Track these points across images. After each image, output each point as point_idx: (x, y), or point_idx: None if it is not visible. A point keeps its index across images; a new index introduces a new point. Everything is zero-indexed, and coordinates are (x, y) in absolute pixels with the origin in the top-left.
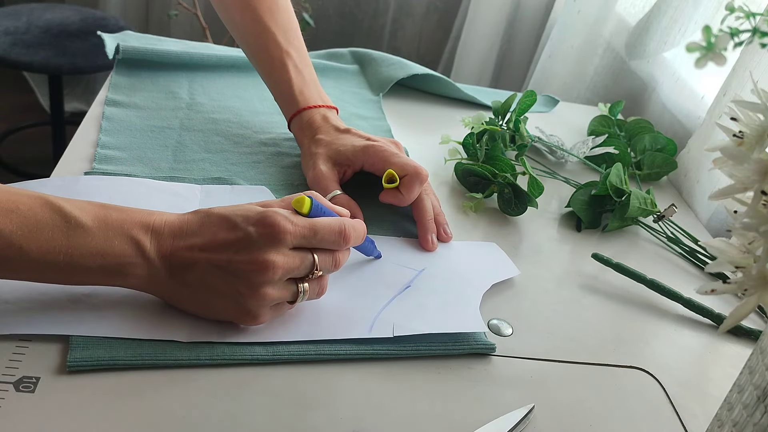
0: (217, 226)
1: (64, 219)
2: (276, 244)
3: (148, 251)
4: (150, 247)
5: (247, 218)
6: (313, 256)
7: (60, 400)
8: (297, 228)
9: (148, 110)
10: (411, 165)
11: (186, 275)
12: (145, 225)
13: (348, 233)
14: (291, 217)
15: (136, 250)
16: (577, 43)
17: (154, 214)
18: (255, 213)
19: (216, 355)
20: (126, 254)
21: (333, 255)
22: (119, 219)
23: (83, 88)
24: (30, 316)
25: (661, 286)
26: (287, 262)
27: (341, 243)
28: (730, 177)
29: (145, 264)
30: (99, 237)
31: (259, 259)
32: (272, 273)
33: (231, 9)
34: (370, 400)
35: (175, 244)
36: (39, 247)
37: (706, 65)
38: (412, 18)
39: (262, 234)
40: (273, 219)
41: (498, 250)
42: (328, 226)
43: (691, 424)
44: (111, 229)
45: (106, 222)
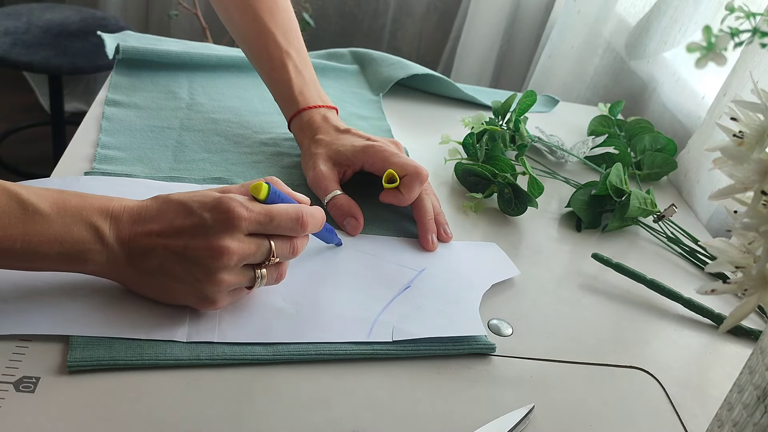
0: (174, 212)
1: (21, 206)
2: (231, 230)
3: (107, 237)
4: (109, 233)
5: (203, 204)
6: (270, 242)
7: (60, 400)
8: (252, 214)
9: (148, 110)
10: (411, 165)
11: (144, 261)
12: (104, 211)
13: (305, 220)
14: (247, 203)
15: (94, 237)
16: (577, 43)
17: (113, 200)
18: (211, 199)
19: (216, 355)
20: (85, 240)
21: (290, 242)
22: (78, 205)
23: (83, 88)
24: (30, 317)
25: (661, 286)
26: (242, 248)
27: (298, 230)
28: (730, 177)
29: (104, 250)
30: (57, 223)
31: (214, 244)
32: (227, 259)
33: (231, 9)
34: (369, 400)
35: (134, 230)
36: None
37: (707, 65)
38: (412, 18)
39: (217, 220)
40: (228, 205)
41: (498, 251)
42: (284, 212)
43: (691, 424)
44: (69, 215)
45: (65, 208)
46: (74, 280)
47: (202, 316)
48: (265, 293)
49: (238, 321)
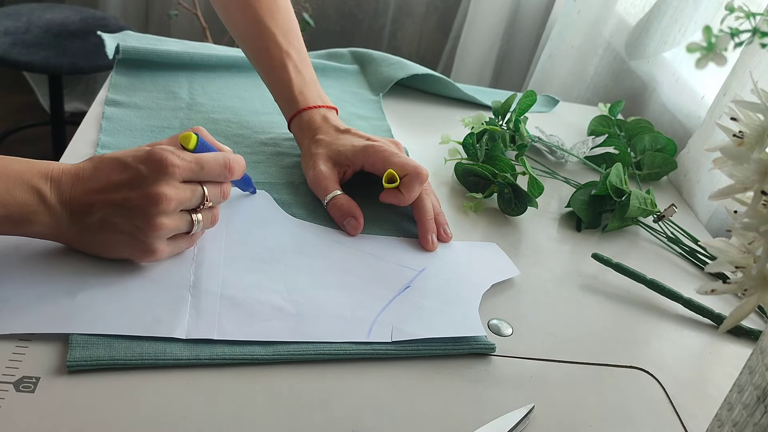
0: (110, 168)
1: None
2: (166, 178)
3: (48, 199)
4: (50, 195)
5: (136, 157)
6: (203, 188)
7: (60, 400)
8: (184, 162)
9: (148, 110)
10: (411, 165)
11: (86, 218)
12: (44, 174)
13: (232, 166)
14: (178, 152)
15: (37, 199)
16: (577, 43)
17: (53, 164)
18: (144, 152)
19: (216, 355)
20: (27, 203)
21: (220, 186)
22: (19, 169)
23: (83, 88)
24: (30, 316)
25: (661, 286)
26: (178, 193)
27: (227, 175)
28: (730, 177)
29: (47, 212)
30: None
31: (151, 192)
32: (165, 204)
33: (231, 9)
34: (369, 400)
35: (74, 189)
36: None
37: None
38: (412, 18)
39: (152, 169)
40: (161, 155)
41: (498, 251)
42: (213, 159)
43: (691, 424)
44: (11, 180)
45: (6, 173)
46: (74, 278)
47: (202, 314)
48: (265, 292)
49: (238, 320)
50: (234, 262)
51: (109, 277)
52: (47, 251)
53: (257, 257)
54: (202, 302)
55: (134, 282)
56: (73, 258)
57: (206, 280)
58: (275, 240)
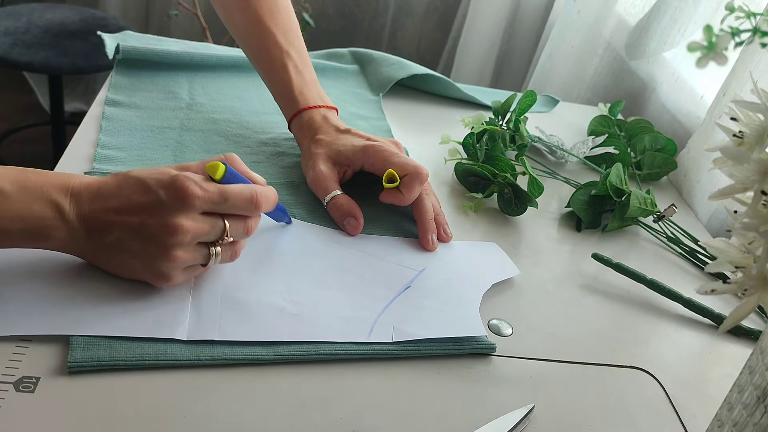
0: (132, 189)
1: None
2: (185, 208)
3: (67, 213)
4: (69, 209)
5: (159, 181)
6: (224, 222)
7: (60, 400)
8: (206, 193)
9: (148, 110)
10: (411, 164)
11: (103, 237)
12: (64, 187)
13: (259, 200)
14: (201, 183)
15: (55, 213)
16: (577, 43)
17: (73, 177)
18: (167, 177)
19: (216, 355)
20: (46, 217)
21: (244, 221)
22: (38, 182)
23: (83, 88)
24: (30, 316)
25: (661, 286)
26: (197, 226)
27: (252, 210)
28: (730, 177)
29: (65, 226)
30: (18, 201)
31: (169, 222)
32: (181, 236)
33: (231, 9)
34: (370, 400)
35: (93, 206)
36: None
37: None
38: (412, 18)
39: (172, 198)
40: (182, 183)
41: (498, 251)
42: (239, 193)
43: (691, 424)
44: (30, 192)
45: (26, 186)
46: (74, 280)
47: (203, 315)
48: (266, 293)
49: (239, 320)
50: (234, 262)
51: (110, 279)
52: (48, 253)
53: (257, 258)
54: (202, 303)
55: (135, 284)
56: (74, 260)
57: (207, 281)
58: (275, 240)
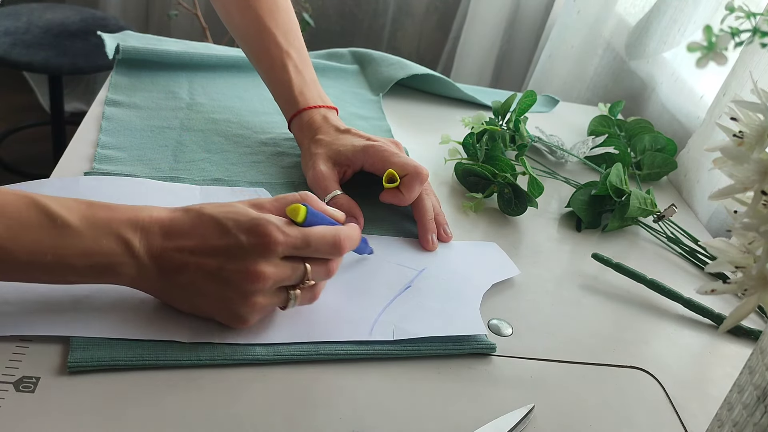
0: (208, 229)
1: (51, 219)
2: (267, 255)
3: (137, 250)
4: (139, 246)
5: (238, 224)
6: (305, 266)
7: (60, 400)
8: (289, 239)
9: (148, 110)
10: (411, 164)
11: (176, 277)
12: (133, 223)
13: (343, 244)
14: (284, 228)
15: (124, 250)
16: (577, 43)
17: (142, 211)
18: (247, 219)
19: (216, 356)
20: (114, 253)
21: (326, 264)
22: (107, 217)
23: (83, 88)
24: (30, 317)
25: (661, 286)
26: (278, 272)
27: (335, 253)
28: (730, 177)
29: (134, 263)
30: (87, 237)
31: (251, 269)
32: (262, 283)
33: (231, 9)
34: (370, 400)
35: (165, 244)
36: (26, 249)
37: (707, 65)
38: (412, 18)
39: (253, 244)
40: (265, 229)
41: (498, 250)
42: (322, 237)
43: (691, 424)
44: (98, 228)
45: (94, 221)
46: None
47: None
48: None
49: None
50: None
51: None
52: None
53: None
54: None
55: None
56: None
57: None
58: None
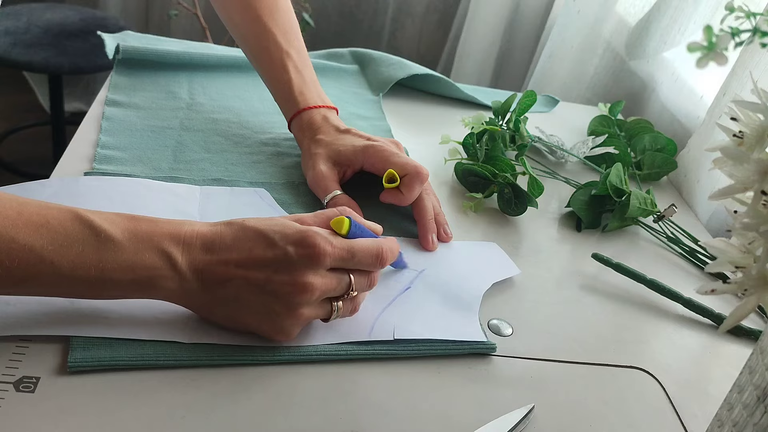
0: (253, 242)
1: (94, 233)
2: (315, 266)
3: (179, 264)
4: (181, 260)
5: (285, 236)
6: (350, 277)
7: (60, 400)
8: (336, 250)
9: (148, 110)
10: (411, 164)
11: (219, 290)
12: (175, 237)
13: (385, 256)
14: (331, 239)
15: (167, 263)
16: (576, 43)
17: (184, 225)
18: (294, 231)
19: (216, 356)
20: (157, 267)
21: (368, 275)
22: (149, 231)
23: (83, 88)
24: (31, 317)
25: (661, 286)
26: (325, 283)
27: (378, 265)
28: (730, 177)
29: (177, 277)
30: (129, 250)
31: (299, 280)
32: (310, 294)
33: (231, 9)
34: (369, 400)
35: (208, 258)
36: (70, 262)
37: (707, 65)
38: (412, 18)
39: (302, 255)
40: (313, 240)
41: (498, 250)
42: (366, 249)
43: (691, 424)
44: (141, 241)
45: (136, 235)
46: None
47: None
48: None
49: None
50: None
51: None
52: None
53: None
54: None
55: None
56: None
57: None
58: None
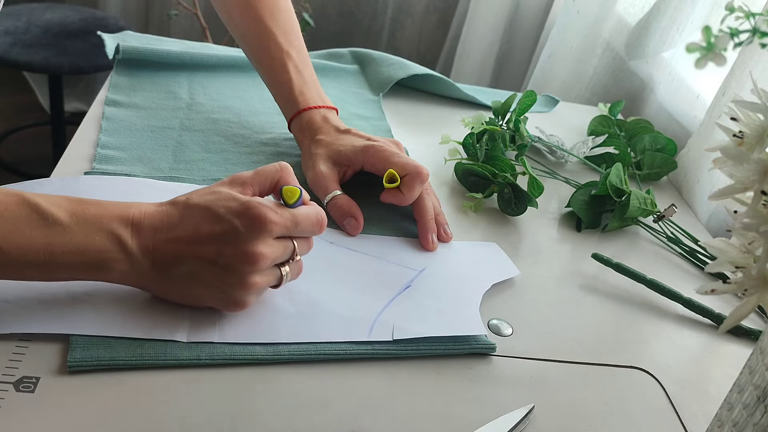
0: (199, 218)
1: (42, 216)
2: (263, 235)
3: (129, 246)
4: (131, 241)
5: (230, 209)
6: (294, 243)
7: (60, 400)
8: (282, 219)
9: (148, 110)
10: (412, 164)
11: (172, 269)
12: (124, 219)
13: (323, 222)
14: (276, 209)
15: (117, 246)
16: (576, 43)
17: (132, 207)
18: (239, 204)
19: (216, 355)
20: (107, 250)
21: (307, 240)
22: (97, 214)
23: (83, 88)
24: (30, 316)
25: (661, 286)
26: (273, 252)
27: (317, 231)
28: (730, 177)
29: (128, 259)
30: (78, 233)
31: (248, 251)
32: (261, 263)
33: (231, 9)
34: (369, 400)
35: (158, 237)
36: (18, 247)
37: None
38: (412, 18)
39: (248, 226)
40: (259, 211)
41: (498, 250)
42: (308, 216)
43: (691, 424)
44: (89, 224)
45: (84, 218)
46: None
47: (203, 317)
48: (266, 293)
49: (238, 321)
50: None
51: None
52: None
53: None
54: None
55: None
56: None
57: None
58: None
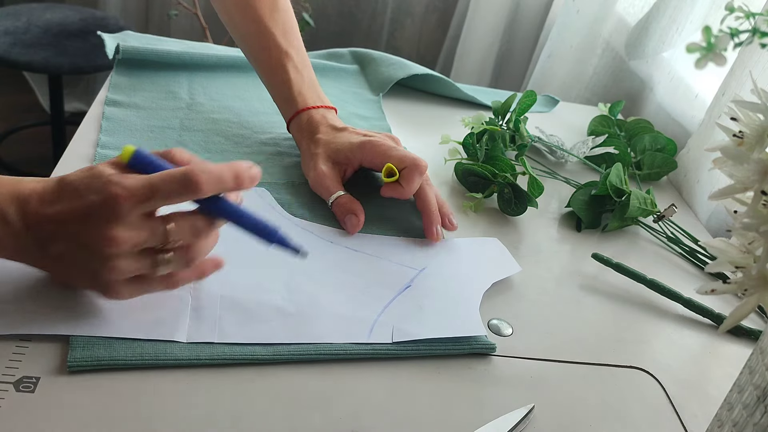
0: (68, 194)
1: None
2: (115, 215)
3: (13, 223)
4: (15, 218)
5: (89, 186)
6: (164, 225)
7: (60, 400)
8: (129, 191)
9: (148, 110)
10: (409, 157)
11: (49, 246)
12: (12, 195)
13: (197, 178)
14: (121, 180)
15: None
16: (576, 43)
17: (23, 183)
18: (99, 182)
19: (216, 355)
20: None
21: (189, 220)
22: None
23: (83, 88)
24: (30, 316)
25: (661, 286)
26: (132, 235)
27: (190, 192)
28: (730, 177)
29: (12, 236)
30: None
31: (103, 233)
32: (116, 247)
33: (231, 9)
34: (369, 400)
35: (39, 214)
36: None
37: (706, 66)
38: (412, 18)
39: (102, 205)
40: (107, 187)
41: (499, 246)
42: (168, 176)
43: (691, 424)
44: None
45: None
46: None
47: (203, 317)
48: (265, 293)
49: (238, 321)
50: (234, 262)
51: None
52: None
53: (257, 258)
54: (202, 304)
55: None
56: None
57: (206, 282)
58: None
